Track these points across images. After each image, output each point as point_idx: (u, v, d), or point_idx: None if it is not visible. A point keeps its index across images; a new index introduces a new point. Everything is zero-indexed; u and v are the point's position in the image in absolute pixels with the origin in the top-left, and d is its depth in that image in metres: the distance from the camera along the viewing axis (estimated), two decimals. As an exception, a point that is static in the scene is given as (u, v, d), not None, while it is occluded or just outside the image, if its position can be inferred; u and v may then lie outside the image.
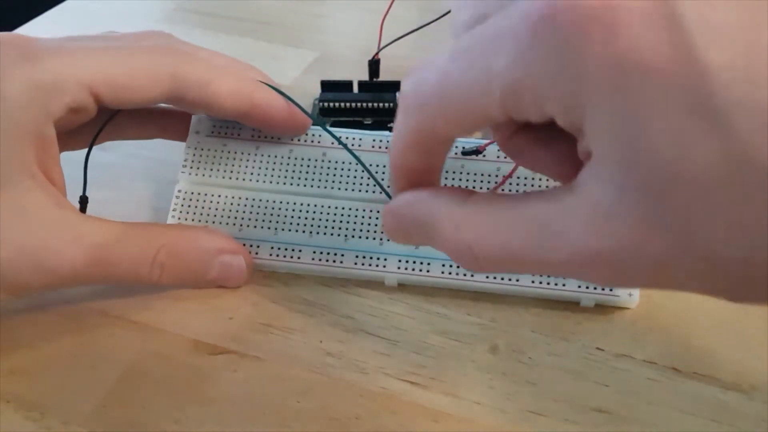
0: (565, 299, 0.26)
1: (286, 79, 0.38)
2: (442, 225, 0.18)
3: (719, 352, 0.24)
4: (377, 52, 0.33)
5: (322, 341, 0.25)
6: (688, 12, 0.13)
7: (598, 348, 0.24)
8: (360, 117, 0.33)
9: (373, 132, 0.28)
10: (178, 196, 0.28)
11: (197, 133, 0.29)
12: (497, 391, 0.23)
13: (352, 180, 0.28)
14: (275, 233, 0.27)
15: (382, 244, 0.27)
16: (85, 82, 0.24)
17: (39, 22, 0.44)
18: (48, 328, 0.25)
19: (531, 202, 0.16)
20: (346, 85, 0.33)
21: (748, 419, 0.22)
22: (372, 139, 0.28)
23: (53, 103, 0.23)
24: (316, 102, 0.34)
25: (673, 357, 0.24)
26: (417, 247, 0.26)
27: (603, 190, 0.15)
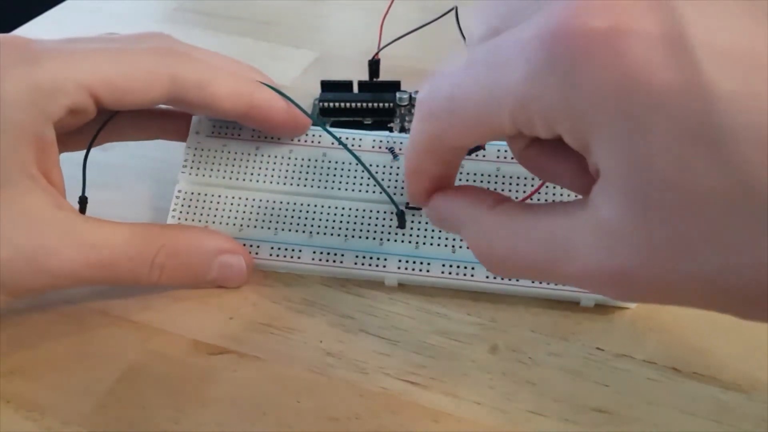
0: (565, 299, 0.26)
1: (286, 79, 0.38)
2: (469, 228, 0.19)
3: (719, 352, 0.24)
4: (377, 52, 0.33)
5: (322, 341, 0.25)
6: (696, 37, 0.13)
7: (598, 348, 0.24)
8: (360, 117, 0.33)
9: (373, 132, 0.28)
10: (178, 197, 0.28)
11: (197, 134, 0.29)
12: (497, 391, 0.23)
13: (352, 180, 0.28)
14: (275, 233, 0.27)
15: (382, 244, 0.27)
16: (84, 84, 0.24)
17: (39, 22, 0.44)
18: (48, 328, 0.25)
19: (550, 213, 0.17)
20: (346, 85, 0.33)
21: (748, 419, 0.22)
22: (372, 139, 0.28)
23: (53, 104, 0.23)
24: (316, 102, 0.34)
25: (673, 357, 0.24)
26: (417, 246, 0.26)
27: (611, 208, 0.15)
